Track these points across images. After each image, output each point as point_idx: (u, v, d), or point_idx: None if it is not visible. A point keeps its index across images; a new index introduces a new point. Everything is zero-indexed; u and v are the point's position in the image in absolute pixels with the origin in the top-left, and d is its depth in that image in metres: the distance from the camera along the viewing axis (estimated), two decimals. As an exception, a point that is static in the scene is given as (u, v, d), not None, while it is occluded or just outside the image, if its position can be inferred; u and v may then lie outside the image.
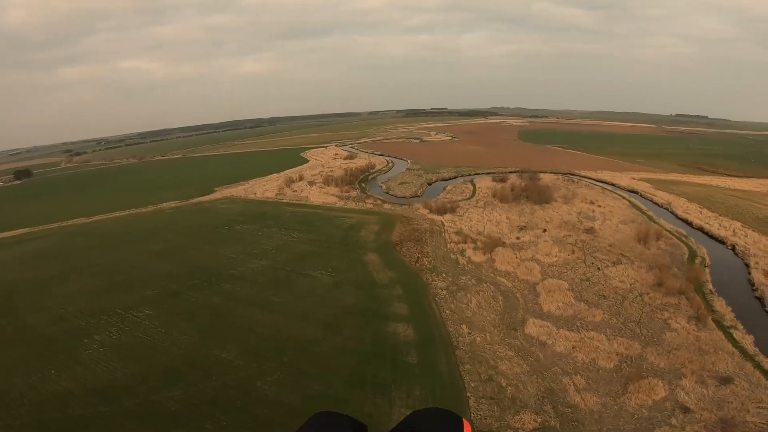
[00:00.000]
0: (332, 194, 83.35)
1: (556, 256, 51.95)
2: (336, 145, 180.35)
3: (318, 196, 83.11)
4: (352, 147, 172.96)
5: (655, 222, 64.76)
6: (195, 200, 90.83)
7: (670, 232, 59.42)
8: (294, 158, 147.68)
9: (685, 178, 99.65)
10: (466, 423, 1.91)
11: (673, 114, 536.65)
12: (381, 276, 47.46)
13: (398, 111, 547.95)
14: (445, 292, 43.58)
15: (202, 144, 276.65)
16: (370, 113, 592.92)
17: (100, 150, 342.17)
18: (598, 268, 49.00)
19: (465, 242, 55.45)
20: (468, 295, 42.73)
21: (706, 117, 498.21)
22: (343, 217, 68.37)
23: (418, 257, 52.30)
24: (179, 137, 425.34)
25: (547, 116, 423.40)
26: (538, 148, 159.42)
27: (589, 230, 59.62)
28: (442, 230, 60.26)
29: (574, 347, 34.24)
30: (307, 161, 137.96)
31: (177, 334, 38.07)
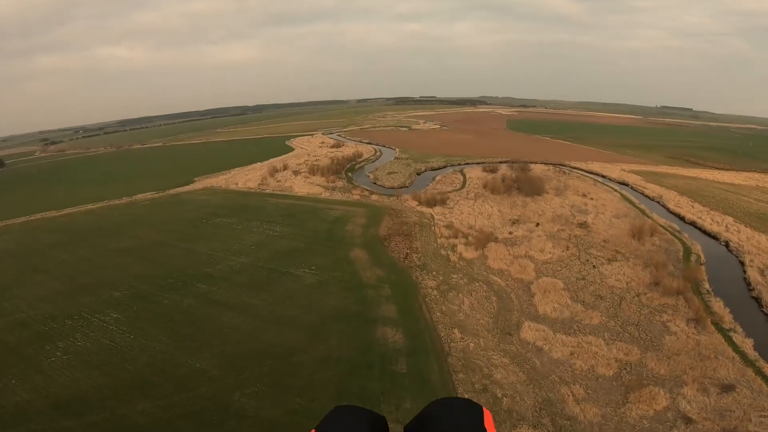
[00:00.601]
0: (317, 184, 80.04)
1: (550, 253, 50.32)
2: (323, 133, 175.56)
3: (303, 186, 79.69)
4: (339, 135, 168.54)
5: (647, 216, 63.74)
6: (173, 191, 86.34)
7: (663, 227, 58.35)
8: (279, 147, 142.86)
9: (674, 170, 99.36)
10: (486, 412, 1.86)
11: (659, 105, 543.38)
12: (368, 274, 44.99)
13: (387, 99, 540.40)
14: (435, 292, 41.43)
15: (184, 132, 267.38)
16: (359, 101, 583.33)
17: (77, 139, 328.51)
18: (594, 266, 47.53)
19: (456, 237, 53.31)
20: (460, 295, 40.70)
21: (691, 109, 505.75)
22: (329, 209, 65.38)
23: (407, 253, 49.96)
24: (160, 125, 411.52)
25: (535, 106, 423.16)
26: (528, 137, 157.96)
27: (583, 225, 58.17)
28: (432, 224, 57.96)
29: (572, 353, 32.62)
30: (292, 150, 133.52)
31: (147, 341, 35.08)
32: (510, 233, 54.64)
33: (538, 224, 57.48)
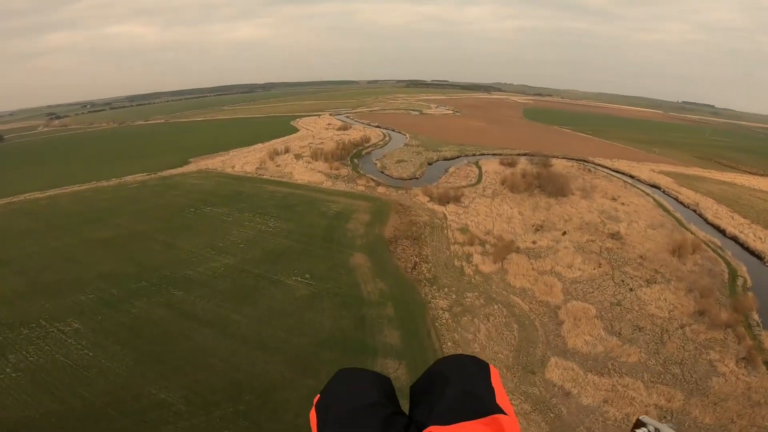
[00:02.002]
0: (320, 171, 73.61)
1: (579, 269, 43.91)
2: (330, 114, 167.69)
3: (303, 172, 73.30)
4: (347, 117, 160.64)
5: (685, 227, 56.95)
6: (165, 173, 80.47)
7: (704, 242, 51.73)
8: (283, 127, 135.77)
9: (707, 173, 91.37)
10: (493, 369, 1.84)
11: (680, 101, 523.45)
12: (370, 288, 39.02)
13: (398, 81, 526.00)
14: (447, 315, 35.39)
15: (190, 109, 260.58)
16: (369, 82, 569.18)
17: (83, 114, 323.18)
18: (631, 289, 40.90)
19: (471, 244, 47.05)
20: (476, 320, 34.71)
21: (713, 106, 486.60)
22: (330, 201, 59.11)
23: (416, 262, 43.90)
24: (167, 101, 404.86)
25: (551, 95, 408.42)
26: (546, 128, 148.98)
27: (615, 235, 51.52)
28: (444, 225, 51.67)
29: (605, 400, 26.93)
30: (297, 131, 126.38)
31: (107, 361, 29.72)
32: (533, 243, 48.21)
33: (564, 233, 50.95)
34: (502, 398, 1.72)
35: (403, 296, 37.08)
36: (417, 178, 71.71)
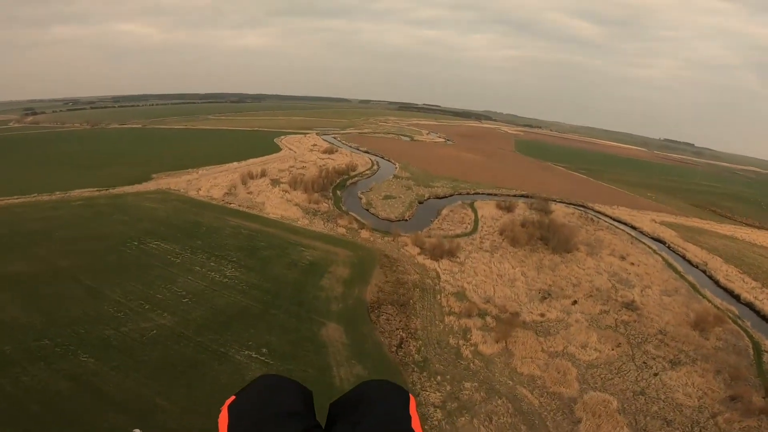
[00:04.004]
0: (297, 203, 64.81)
1: (595, 350, 36.84)
2: (317, 134, 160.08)
3: (277, 204, 64.28)
4: (335, 138, 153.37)
5: (700, 293, 51.03)
6: (118, 190, 70.17)
7: (720, 308, 46.76)
8: (265, 144, 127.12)
9: (706, 225, 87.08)
10: (412, 397, 1.91)
11: (662, 138, 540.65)
12: (343, 373, 30.30)
13: (390, 102, 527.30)
14: (439, 414, 27.59)
15: (174, 115, 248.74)
16: (362, 101, 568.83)
17: (61, 111, 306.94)
18: (655, 373, 34.82)
19: (470, 315, 38.85)
20: (475, 421, 27.01)
21: (693, 145, 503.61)
22: (304, 247, 50.08)
23: (402, 338, 35.34)
24: (153, 104, 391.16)
25: (540, 126, 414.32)
26: (539, 164, 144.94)
27: (630, 305, 44.45)
28: (438, 288, 43.41)
29: None
30: (279, 150, 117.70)
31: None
32: (541, 315, 40.42)
33: (575, 302, 43.43)
34: (416, 425, 1.80)
35: (384, 400, 28.21)
36: (406, 220, 63.55)
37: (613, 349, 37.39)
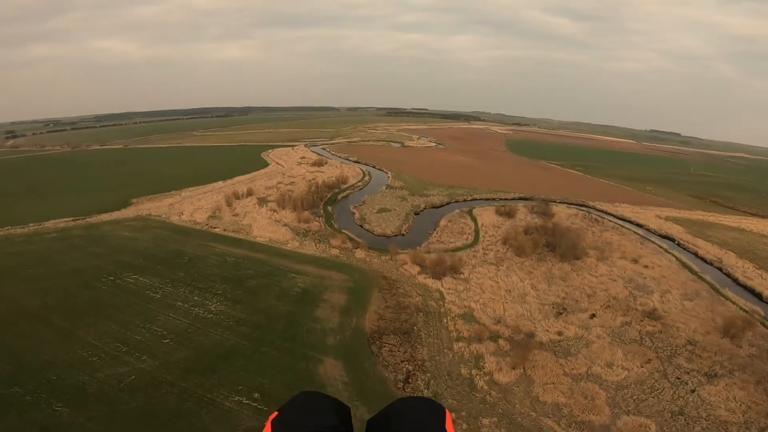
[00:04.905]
0: (286, 224, 60.91)
1: (623, 368, 33.76)
2: (306, 145, 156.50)
3: (265, 226, 60.30)
4: (324, 149, 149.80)
5: (721, 294, 48.13)
6: (95, 219, 65.78)
7: (746, 312, 44.04)
8: (252, 159, 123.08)
9: (711, 217, 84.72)
10: (448, 413, 1.93)
11: (648, 129, 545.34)
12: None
13: (379, 109, 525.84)
14: None
15: (158, 132, 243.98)
16: (350, 109, 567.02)
17: (42, 133, 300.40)
18: (692, 390, 32.07)
19: (480, 340, 35.24)
20: None
21: (679, 134, 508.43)
22: (295, 273, 46.09)
23: (409, 371, 31.67)
24: (137, 123, 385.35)
25: (528, 125, 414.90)
26: (534, 164, 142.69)
27: (652, 313, 41.22)
28: (443, 310, 39.74)
29: None
30: (266, 165, 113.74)
31: None
32: (559, 334, 36.95)
33: (593, 315, 40.04)
34: None
35: None
36: (403, 234, 59.82)
37: (642, 366, 34.25)
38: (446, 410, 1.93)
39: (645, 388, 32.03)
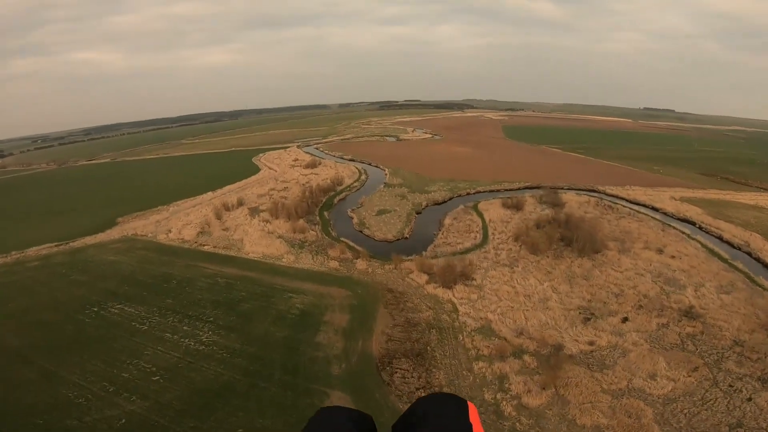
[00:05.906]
0: (280, 235, 56.82)
1: (668, 378, 30.13)
2: (298, 146, 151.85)
3: (258, 239, 56.14)
4: (317, 148, 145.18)
5: (758, 284, 44.12)
6: (79, 242, 61.69)
7: None
8: (243, 166, 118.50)
9: (727, 196, 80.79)
10: (471, 405, 1.91)
11: (642, 107, 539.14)
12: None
13: (371, 103, 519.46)
14: None
15: (147, 143, 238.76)
16: (341, 105, 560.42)
17: (29, 150, 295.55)
18: (748, 398, 28.55)
19: (503, 357, 31.41)
20: None
21: (673, 111, 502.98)
22: (292, 292, 42.02)
23: (426, 405, 27.71)
24: (125, 134, 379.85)
25: (522, 109, 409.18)
26: (534, 149, 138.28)
27: (689, 312, 37.39)
28: (456, 324, 35.84)
29: None
30: (257, 171, 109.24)
31: None
32: (590, 343, 33.09)
33: (625, 319, 36.20)
34: None
35: None
36: (406, 238, 55.67)
37: (689, 375, 30.57)
38: (469, 402, 1.89)
39: (696, 399, 28.47)
